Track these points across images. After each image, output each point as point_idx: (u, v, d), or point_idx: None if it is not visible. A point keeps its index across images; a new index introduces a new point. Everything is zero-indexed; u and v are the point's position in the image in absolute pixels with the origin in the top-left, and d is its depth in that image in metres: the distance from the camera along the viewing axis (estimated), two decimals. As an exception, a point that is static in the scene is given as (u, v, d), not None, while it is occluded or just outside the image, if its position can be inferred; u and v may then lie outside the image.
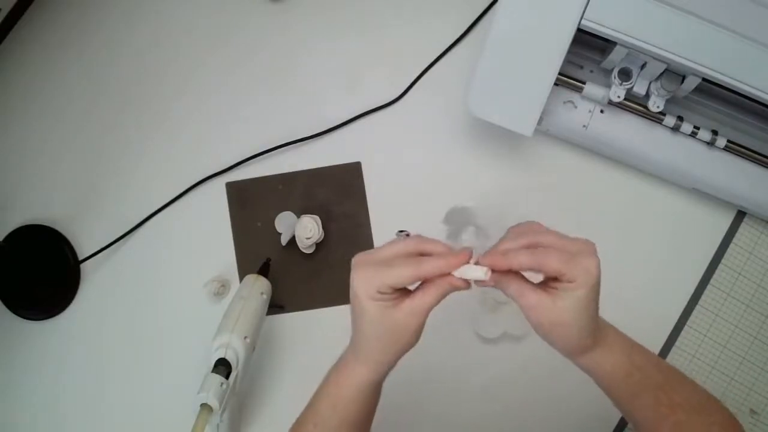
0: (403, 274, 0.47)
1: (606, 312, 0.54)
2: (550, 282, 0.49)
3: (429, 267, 0.47)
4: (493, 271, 0.48)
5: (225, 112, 0.81)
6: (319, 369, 0.55)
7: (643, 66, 0.69)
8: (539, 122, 0.71)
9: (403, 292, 0.49)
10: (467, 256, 0.48)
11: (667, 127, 0.73)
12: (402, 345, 0.50)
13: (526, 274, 0.50)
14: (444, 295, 0.49)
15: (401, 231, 0.52)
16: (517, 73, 0.68)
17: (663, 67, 0.67)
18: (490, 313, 0.76)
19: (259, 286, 0.71)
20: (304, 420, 0.54)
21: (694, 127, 0.72)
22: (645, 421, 0.52)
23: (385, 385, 0.55)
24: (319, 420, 0.53)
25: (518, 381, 0.78)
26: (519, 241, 0.49)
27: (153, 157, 0.80)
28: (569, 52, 0.67)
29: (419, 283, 0.50)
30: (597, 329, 0.50)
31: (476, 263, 0.48)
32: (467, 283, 0.48)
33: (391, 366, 0.52)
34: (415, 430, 0.77)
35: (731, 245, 0.79)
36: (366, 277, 0.48)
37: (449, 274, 0.48)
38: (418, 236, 0.50)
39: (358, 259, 0.49)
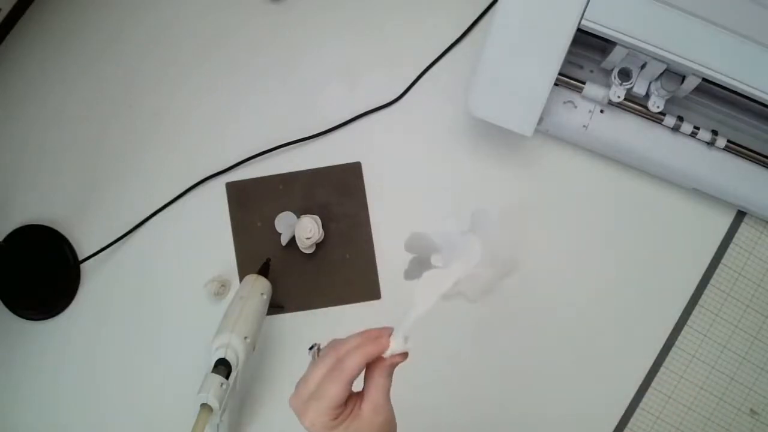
0: (333, 392, 0.45)
1: (606, 312, 0.54)
2: None
3: (351, 369, 0.46)
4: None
5: (225, 112, 0.81)
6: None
7: (643, 66, 0.69)
8: (539, 122, 0.71)
9: (356, 396, 0.48)
10: (386, 338, 0.47)
11: (667, 127, 0.73)
12: None
13: None
14: (392, 375, 0.48)
15: (311, 348, 0.50)
16: (517, 74, 0.68)
17: (663, 67, 0.67)
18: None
19: (259, 286, 0.71)
20: None
21: (694, 127, 0.72)
22: None
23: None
24: None
25: (527, 380, 0.78)
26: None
27: (153, 157, 0.80)
28: (569, 52, 0.67)
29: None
30: None
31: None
32: (404, 356, 0.48)
33: None
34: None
35: (731, 245, 0.79)
36: (311, 419, 0.46)
37: (381, 358, 0.47)
38: (331, 344, 0.49)
39: (295, 405, 0.48)
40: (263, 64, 0.81)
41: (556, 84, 0.71)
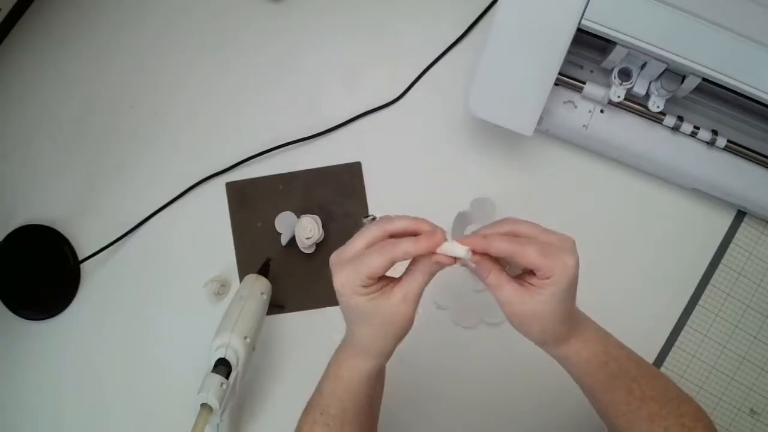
0: (375, 263, 0.46)
1: (606, 312, 0.54)
2: (526, 276, 0.49)
3: (399, 251, 0.46)
4: (474, 253, 0.48)
5: (225, 112, 0.81)
6: (319, 369, 0.55)
7: (643, 66, 0.69)
8: (539, 122, 0.71)
9: (389, 279, 0.50)
10: (441, 236, 0.48)
11: (667, 127, 0.73)
12: (397, 332, 0.50)
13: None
14: (431, 275, 0.49)
15: (367, 216, 0.52)
16: (517, 73, 0.68)
17: (663, 67, 0.67)
18: (466, 303, 0.76)
19: (259, 286, 0.71)
20: (312, 406, 0.55)
21: (694, 127, 0.72)
22: (617, 412, 0.53)
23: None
24: (325, 408, 0.53)
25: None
26: (500, 227, 0.49)
27: (153, 156, 0.80)
28: (569, 52, 0.67)
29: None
30: (573, 319, 0.51)
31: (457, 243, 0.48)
32: (452, 259, 0.48)
33: (390, 354, 0.52)
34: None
35: (731, 245, 0.79)
36: (345, 277, 0.48)
37: (433, 252, 0.47)
38: (382, 219, 0.50)
39: (334, 260, 0.49)
40: (263, 64, 0.81)
41: (556, 84, 0.71)
